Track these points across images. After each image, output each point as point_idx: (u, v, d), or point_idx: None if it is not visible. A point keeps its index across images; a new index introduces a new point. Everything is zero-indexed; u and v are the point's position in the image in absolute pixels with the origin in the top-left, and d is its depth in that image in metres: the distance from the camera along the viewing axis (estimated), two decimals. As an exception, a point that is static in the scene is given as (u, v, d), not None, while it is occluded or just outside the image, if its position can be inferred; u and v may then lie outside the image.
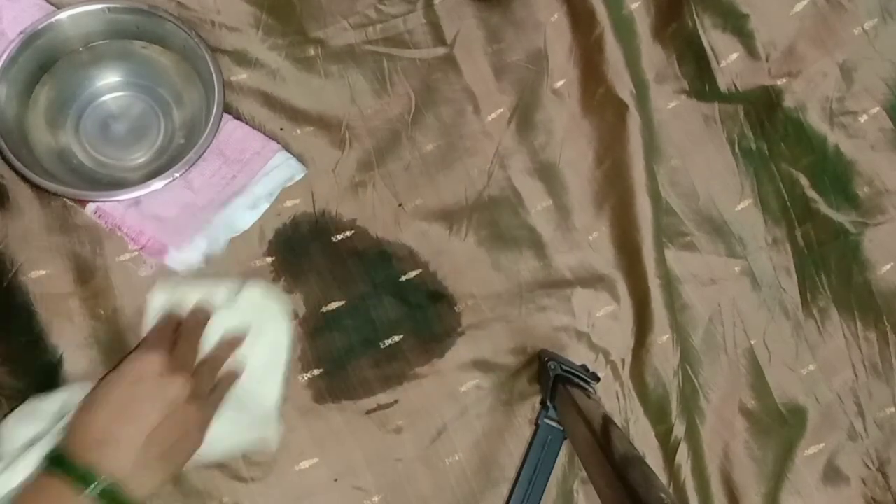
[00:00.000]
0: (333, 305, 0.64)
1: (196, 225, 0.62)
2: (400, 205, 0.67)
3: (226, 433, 0.55)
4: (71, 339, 0.60)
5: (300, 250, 0.65)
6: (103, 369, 0.58)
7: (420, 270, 0.66)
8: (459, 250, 0.67)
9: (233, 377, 0.56)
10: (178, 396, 0.48)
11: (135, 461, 0.46)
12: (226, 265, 0.63)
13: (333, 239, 0.66)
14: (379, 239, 0.66)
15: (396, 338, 0.65)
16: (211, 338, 0.56)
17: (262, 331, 0.59)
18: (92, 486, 0.44)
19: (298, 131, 0.67)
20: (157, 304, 0.58)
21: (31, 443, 0.48)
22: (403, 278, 0.66)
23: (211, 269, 0.62)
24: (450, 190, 0.68)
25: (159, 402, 0.47)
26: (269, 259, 0.64)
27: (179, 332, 0.55)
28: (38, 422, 0.50)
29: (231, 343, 0.57)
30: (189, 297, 0.58)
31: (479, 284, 0.66)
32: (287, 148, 0.66)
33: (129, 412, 0.46)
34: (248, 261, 0.64)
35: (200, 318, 0.56)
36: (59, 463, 0.45)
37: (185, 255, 0.61)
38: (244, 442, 0.58)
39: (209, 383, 0.52)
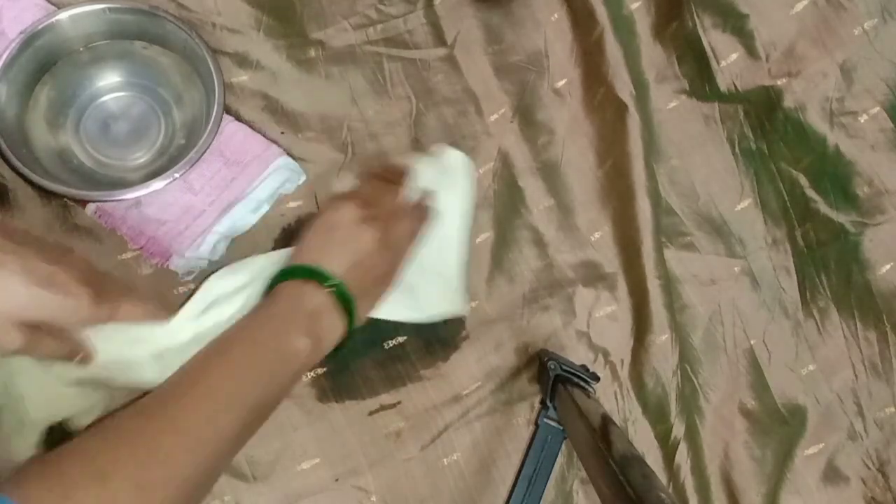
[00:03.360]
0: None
1: (197, 228, 0.62)
2: (407, 206, 0.67)
3: (417, 300, 0.55)
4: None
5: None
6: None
7: (425, 273, 0.66)
8: (464, 252, 0.67)
9: (424, 225, 0.56)
10: (368, 243, 0.50)
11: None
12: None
13: (339, 240, 0.66)
14: None
15: (401, 339, 0.64)
16: (408, 187, 0.56)
17: (452, 191, 0.58)
18: (329, 280, 0.47)
19: (300, 135, 0.67)
20: None
21: (235, 292, 0.50)
22: (409, 280, 0.66)
23: (215, 269, 0.62)
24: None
25: (349, 249, 0.49)
26: (273, 258, 0.64)
27: (376, 180, 0.56)
28: (241, 276, 0.51)
29: (425, 194, 0.57)
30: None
31: (483, 286, 0.67)
32: (288, 152, 0.65)
33: (325, 257, 0.49)
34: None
35: (399, 168, 0.57)
36: (291, 272, 0.48)
37: (187, 259, 0.61)
38: (437, 309, 0.57)
39: (401, 231, 0.53)
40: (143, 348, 0.48)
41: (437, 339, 0.65)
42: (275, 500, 0.60)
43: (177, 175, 0.60)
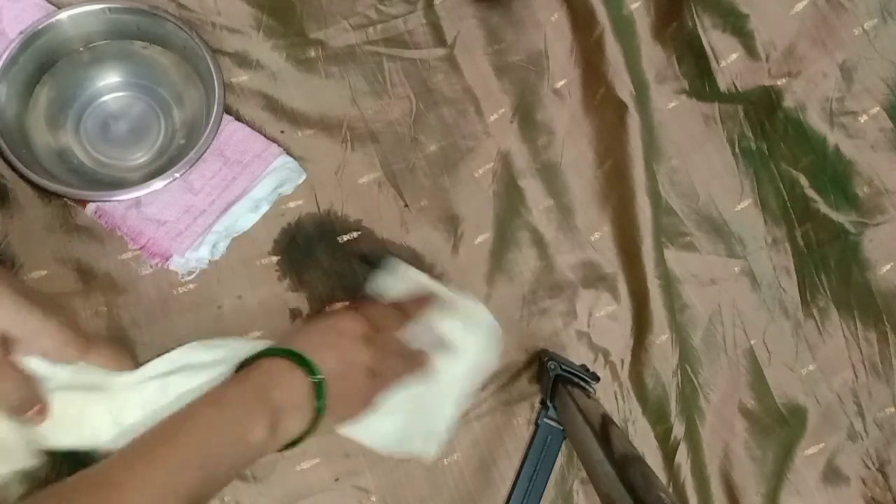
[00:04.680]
0: (337, 306, 0.64)
1: (197, 228, 0.62)
2: (406, 206, 0.67)
3: (393, 431, 0.55)
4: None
5: (306, 250, 0.65)
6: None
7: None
8: (464, 252, 0.67)
9: (416, 373, 0.56)
10: (359, 362, 0.50)
11: None
12: (231, 263, 0.63)
13: (339, 240, 0.66)
14: (384, 241, 0.66)
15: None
16: (418, 330, 0.56)
17: (467, 348, 0.58)
18: (316, 374, 0.47)
19: (299, 134, 0.67)
20: (383, 283, 0.59)
21: (212, 364, 0.50)
22: (408, 281, 0.65)
23: (215, 268, 0.63)
24: (454, 191, 0.68)
25: (341, 358, 0.49)
26: (274, 258, 0.64)
27: (392, 308, 0.56)
28: (223, 351, 0.51)
29: (432, 342, 0.57)
30: (414, 283, 0.59)
31: (483, 287, 0.66)
32: (288, 151, 0.66)
33: (315, 354, 0.48)
34: (253, 259, 0.64)
35: (422, 302, 0.57)
36: (281, 352, 0.48)
37: (187, 259, 0.61)
38: (405, 447, 0.57)
39: (392, 366, 0.53)
40: (101, 403, 0.48)
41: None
42: (275, 500, 0.60)
43: (177, 175, 0.60)
